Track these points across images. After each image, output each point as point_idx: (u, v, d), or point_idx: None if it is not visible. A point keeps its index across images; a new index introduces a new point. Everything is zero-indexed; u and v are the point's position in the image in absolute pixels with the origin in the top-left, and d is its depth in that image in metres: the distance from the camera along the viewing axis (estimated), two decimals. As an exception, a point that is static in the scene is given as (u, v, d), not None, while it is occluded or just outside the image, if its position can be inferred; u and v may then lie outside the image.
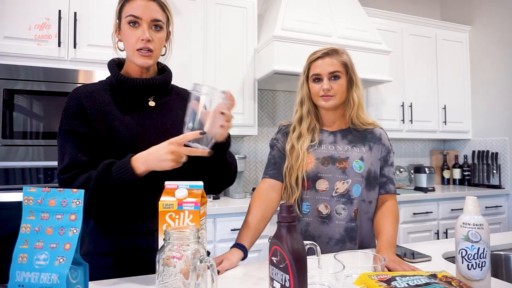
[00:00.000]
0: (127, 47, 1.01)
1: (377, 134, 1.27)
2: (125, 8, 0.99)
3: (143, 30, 0.97)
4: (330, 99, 1.22)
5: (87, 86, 1.03)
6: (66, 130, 0.96)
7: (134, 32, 0.98)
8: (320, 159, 1.22)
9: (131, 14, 0.97)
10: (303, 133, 1.25)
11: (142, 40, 0.97)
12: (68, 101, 0.99)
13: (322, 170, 1.21)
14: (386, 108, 3.05)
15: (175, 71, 2.62)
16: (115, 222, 0.98)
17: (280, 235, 0.62)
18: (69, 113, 0.97)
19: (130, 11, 0.97)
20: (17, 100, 1.85)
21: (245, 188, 2.85)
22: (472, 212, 0.80)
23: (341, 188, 1.20)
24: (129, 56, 1.02)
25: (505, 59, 3.13)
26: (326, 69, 1.21)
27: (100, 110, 0.98)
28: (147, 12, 0.97)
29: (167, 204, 0.78)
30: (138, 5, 0.97)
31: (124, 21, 0.98)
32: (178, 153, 0.85)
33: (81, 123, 0.96)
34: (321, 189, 1.21)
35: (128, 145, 0.98)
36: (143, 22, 0.97)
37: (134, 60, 1.00)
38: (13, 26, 1.90)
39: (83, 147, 0.95)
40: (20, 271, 0.64)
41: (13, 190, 1.81)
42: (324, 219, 1.20)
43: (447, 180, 3.45)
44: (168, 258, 0.68)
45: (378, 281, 0.73)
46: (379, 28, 2.98)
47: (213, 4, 2.52)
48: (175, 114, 1.08)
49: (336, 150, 1.24)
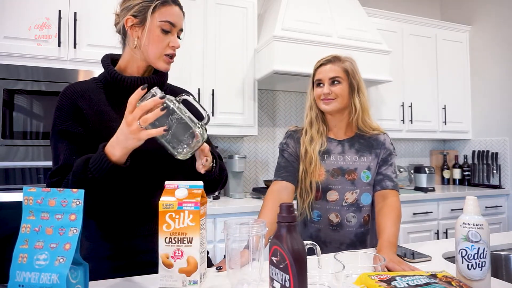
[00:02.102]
0: (153, 49, 0.98)
1: (381, 140, 1.34)
2: (160, 12, 0.96)
3: (175, 38, 0.99)
4: (331, 102, 1.27)
5: (80, 85, 1.00)
6: (59, 130, 0.94)
7: (165, 38, 0.98)
8: (330, 171, 1.28)
9: (169, 21, 0.97)
10: (314, 137, 1.31)
11: (173, 47, 0.99)
12: (61, 100, 0.96)
13: (332, 182, 1.28)
14: (386, 108, 3.05)
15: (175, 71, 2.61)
16: (115, 224, 0.98)
17: (280, 235, 0.62)
18: (63, 112, 0.95)
19: (168, 17, 0.97)
20: (17, 100, 1.85)
21: (245, 188, 2.85)
22: (472, 212, 0.80)
23: (351, 198, 1.27)
24: (151, 58, 0.99)
25: (505, 59, 3.13)
26: (327, 74, 1.28)
27: (96, 110, 0.97)
28: (180, 21, 1.00)
29: (167, 204, 0.78)
30: (175, 13, 0.98)
31: (158, 24, 0.96)
32: (136, 130, 0.80)
33: (75, 123, 0.94)
34: (332, 200, 1.27)
35: None
36: (175, 30, 0.99)
37: (156, 63, 1.00)
38: (13, 26, 1.91)
39: (77, 148, 0.93)
40: (20, 271, 0.64)
41: (13, 190, 1.81)
42: (335, 227, 1.27)
43: (447, 180, 3.45)
44: None
45: (378, 281, 0.73)
46: (379, 28, 2.98)
47: (213, 4, 2.52)
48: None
49: (344, 160, 1.29)
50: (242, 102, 2.57)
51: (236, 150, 2.90)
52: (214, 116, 2.47)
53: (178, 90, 1.17)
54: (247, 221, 0.86)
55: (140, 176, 1.00)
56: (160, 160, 1.03)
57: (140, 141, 0.82)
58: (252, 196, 2.64)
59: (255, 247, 0.81)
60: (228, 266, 0.83)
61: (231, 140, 2.90)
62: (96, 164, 0.83)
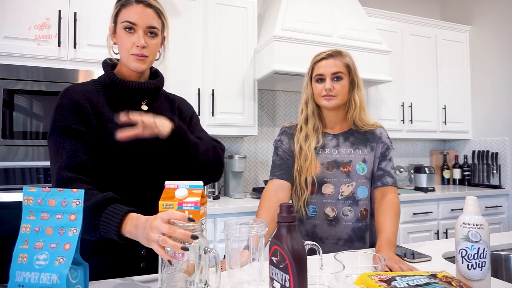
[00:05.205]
0: (122, 52, 1.00)
1: (378, 133, 1.30)
2: (121, 13, 0.98)
3: (139, 36, 0.97)
4: (332, 99, 1.24)
5: (81, 86, 1.01)
6: (61, 126, 0.93)
7: (129, 38, 0.97)
8: (325, 164, 1.26)
9: (127, 20, 0.97)
10: (309, 134, 1.28)
11: (137, 46, 0.97)
12: (62, 99, 0.96)
13: (327, 175, 1.25)
14: (386, 108, 3.05)
15: (175, 71, 2.60)
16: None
17: (280, 235, 0.62)
18: (64, 110, 0.94)
19: (126, 17, 0.97)
20: (17, 100, 1.85)
21: (245, 188, 2.85)
22: (472, 212, 0.80)
23: (346, 191, 1.24)
24: (124, 60, 1.01)
25: (505, 59, 3.13)
26: (329, 69, 1.24)
27: (95, 112, 0.98)
28: (143, 19, 0.97)
29: (167, 204, 0.78)
30: (135, 12, 0.97)
31: (120, 26, 0.98)
32: (152, 239, 0.73)
33: (77, 121, 0.94)
34: (327, 193, 1.25)
35: (122, 149, 0.97)
36: (139, 29, 0.97)
37: (128, 64, 1.00)
38: (13, 26, 1.90)
39: (81, 145, 0.93)
40: (20, 271, 0.64)
41: (13, 190, 1.81)
42: (331, 222, 1.25)
43: (447, 180, 3.45)
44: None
45: (378, 281, 0.73)
46: (379, 28, 2.98)
47: (213, 4, 2.52)
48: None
49: (339, 153, 1.27)
50: (242, 102, 2.57)
51: (236, 150, 2.90)
52: (214, 116, 2.47)
53: (173, 97, 1.17)
54: (247, 221, 0.86)
55: (140, 176, 1.00)
56: (160, 160, 1.04)
57: (148, 245, 0.75)
58: (252, 196, 2.64)
59: (255, 247, 0.81)
60: (228, 266, 0.83)
61: (231, 140, 2.90)
62: (108, 221, 0.80)
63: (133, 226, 0.78)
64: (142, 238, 0.75)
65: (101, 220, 0.80)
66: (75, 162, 0.90)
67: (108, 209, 0.81)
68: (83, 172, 0.91)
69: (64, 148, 0.91)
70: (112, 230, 0.79)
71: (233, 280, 0.82)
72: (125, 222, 0.79)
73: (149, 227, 0.73)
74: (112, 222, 0.79)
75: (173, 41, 2.37)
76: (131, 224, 0.78)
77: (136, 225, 0.77)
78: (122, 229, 0.79)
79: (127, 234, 0.79)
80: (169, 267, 0.74)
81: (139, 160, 1.00)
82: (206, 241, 0.76)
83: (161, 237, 0.71)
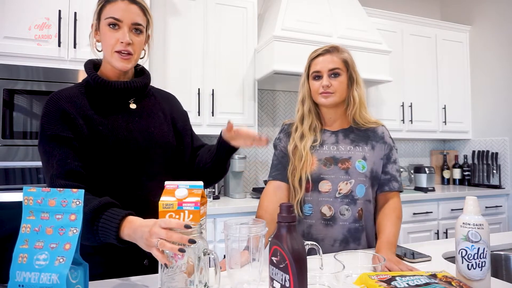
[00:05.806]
0: (106, 49, 0.99)
1: (379, 132, 1.26)
2: (105, 10, 0.97)
3: (123, 32, 0.96)
4: (330, 96, 1.20)
5: (65, 91, 1.00)
6: (49, 135, 0.93)
7: (113, 34, 0.96)
8: (322, 160, 1.21)
9: (111, 16, 0.95)
10: (305, 133, 1.24)
11: (122, 43, 0.96)
12: (47, 107, 0.95)
13: (325, 171, 1.20)
14: (386, 108, 3.05)
15: (175, 71, 2.59)
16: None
17: (280, 235, 0.62)
18: (51, 118, 0.94)
19: (110, 13, 0.96)
20: (17, 100, 1.85)
21: (245, 188, 2.85)
22: (472, 212, 0.80)
23: (344, 189, 1.18)
24: (107, 58, 1.00)
25: (505, 59, 3.13)
26: (326, 66, 1.20)
27: (83, 115, 0.96)
28: (128, 15, 0.96)
29: (167, 204, 0.78)
30: (119, 8, 0.96)
31: (104, 22, 0.97)
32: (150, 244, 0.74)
33: (64, 128, 0.93)
34: (324, 191, 1.19)
35: (114, 149, 0.96)
36: (124, 25, 0.96)
37: (112, 62, 0.99)
38: (13, 26, 1.90)
39: (71, 152, 0.92)
40: (20, 271, 0.64)
41: (13, 190, 1.81)
42: (328, 221, 1.18)
43: (447, 180, 3.45)
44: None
45: (378, 281, 0.73)
46: (379, 28, 2.98)
47: (213, 4, 2.52)
48: (157, 116, 1.08)
49: (338, 150, 1.22)
50: (242, 102, 2.57)
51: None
52: (214, 116, 2.47)
53: (162, 92, 1.17)
54: (247, 221, 0.86)
55: (140, 176, 1.00)
56: (160, 160, 1.04)
57: (147, 250, 0.76)
58: (252, 196, 2.64)
59: (255, 247, 0.81)
60: (228, 266, 0.83)
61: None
62: (105, 226, 0.80)
63: (131, 229, 0.78)
64: (141, 242, 0.76)
65: (99, 226, 0.81)
66: (66, 170, 0.90)
67: (106, 214, 0.81)
68: (76, 178, 0.90)
69: (55, 157, 0.91)
70: (110, 235, 0.79)
71: (233, 280, 0.82)
72: (123, 226, 0.80)
73: (148, 233, 0.73)
74: (110, 227, 0.80)
75: (173, 41, 2.37)
76: (129, 228, 0.79)
77: (134, 229, 0.78)
78: (121, 233, 0.79)
79: (126, 237, 0.79)
80: (169, 268, 0.74)
81: (134, 161, 0.99)
82: (206, 243, 0.77)
83: (159, 241, 0.71)
